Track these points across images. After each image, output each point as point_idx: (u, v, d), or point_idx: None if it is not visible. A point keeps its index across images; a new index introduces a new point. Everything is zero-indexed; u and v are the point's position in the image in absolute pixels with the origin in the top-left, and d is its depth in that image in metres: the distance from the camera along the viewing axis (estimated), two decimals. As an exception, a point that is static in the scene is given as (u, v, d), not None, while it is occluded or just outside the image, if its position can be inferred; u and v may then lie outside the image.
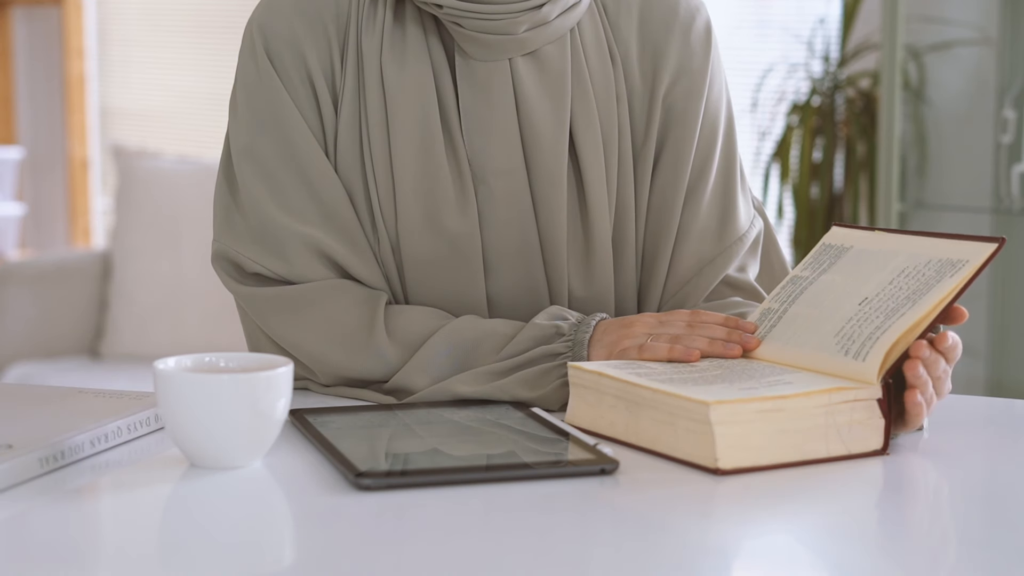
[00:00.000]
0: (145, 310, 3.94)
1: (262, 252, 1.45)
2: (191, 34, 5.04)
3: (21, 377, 3.80)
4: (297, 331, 1.44)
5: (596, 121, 1.48)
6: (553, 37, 1.47)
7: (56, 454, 1.18)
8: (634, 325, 1.38)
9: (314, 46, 1.46)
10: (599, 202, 1.48)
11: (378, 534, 1.06)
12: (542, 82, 1.47)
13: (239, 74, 1.49)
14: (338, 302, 1.43)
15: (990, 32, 3.38)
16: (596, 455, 1.19)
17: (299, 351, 1.44)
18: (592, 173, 1.47)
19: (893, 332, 1.24)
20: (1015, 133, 3.33)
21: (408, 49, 1.46)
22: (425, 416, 1.33)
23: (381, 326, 1.42)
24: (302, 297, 1.44)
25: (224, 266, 1.47)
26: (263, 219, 1.45)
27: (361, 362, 1.41)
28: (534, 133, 1.46)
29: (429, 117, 1.44)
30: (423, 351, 1.40)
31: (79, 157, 5.25)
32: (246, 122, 1.47)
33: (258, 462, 1.20)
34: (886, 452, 1.23)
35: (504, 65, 1.46)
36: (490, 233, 1.46)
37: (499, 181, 1.46)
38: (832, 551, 1.06)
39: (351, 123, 1.46)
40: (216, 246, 1.48)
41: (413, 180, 1.44)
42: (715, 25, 1.56)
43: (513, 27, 1.44)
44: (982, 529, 1.10)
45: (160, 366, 1.18)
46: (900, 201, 3.38)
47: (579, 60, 1.49)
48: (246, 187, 1.46)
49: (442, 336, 1.41)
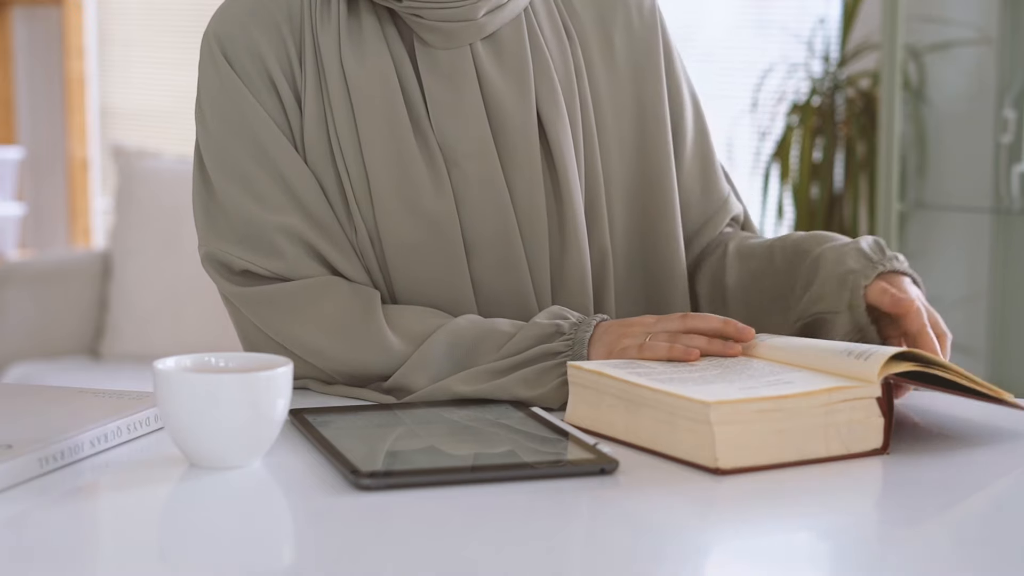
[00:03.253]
0: (145, 310, 3.94)
1: (250, 250, 1.46)
2: (191, 34, 5.04)
3: (21, 377, 3.80)
4: (296, 326, 1.44)
5: (560, 97, 1.51)
6: (508, 18, 1.50)
7: (56, 454, 1.18)
8: (634, 325, 1.39)
9: (271, 47, 1.48)
10: (571, 178, 1.50)
11: (378, 534, 1.06)
12: (503, 64, 1.50)
13: (201, 85, 1.50)
14: (336, 296, 1.44)
15: (990, 32, 3.38)
16: (596, 455, 1.19)
17: (300, 346, 1.44)
18: (561, 148, 1.50)
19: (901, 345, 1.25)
20: (1015, 133, 3.32)
21: (366, 41, 1.48)
22: (425, 416, 1.33)
23: (381, 319, 1.42)
24: (299, 293, 1.44)
25: (215, 267, 1.48)
26: (246, 218, 1.46)
27: (364, 354, 1.42)
28: (502, 115, 1.49)
29: (395, 106, 1.46)
30: (423, 349, 1.40)
31: (79, 157, 5.25)
32: (215, 129, 1.48)
33: (258, 462, 1.20)
34: (886, 451, 1.23)
35: (465, 51, 1.49)
36: (468, 215, 1.48)
37: (471, 164, 1.48)
38: (832, 551, 1.06)
39: (316, 119, 1.47)
40: (203, 250, 1.49)
41: (385, 168, 1.46)
42: (715, 25, 1.59)
43: (473, 12, 1.47)
44: (982, 529, 1.10)
45: (160, 366, 1.18)
46: (900, 201, 3.38)
47: (536, 38, 1.52)
48: (225, 190, 1.47)
49: (442, 335, 1.41)
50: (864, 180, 3.61)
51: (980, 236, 3.47)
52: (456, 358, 1.40)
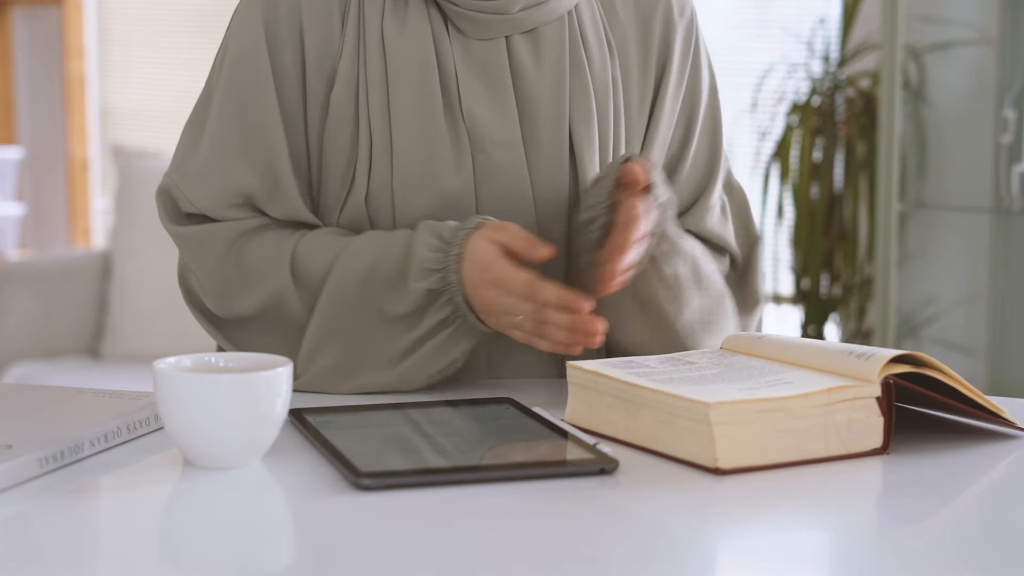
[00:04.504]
0: (145, 310, 3.94)
1: (204, 196, 1.50)
2: (191, 34, 5.04)
3: (21, 377, 3.80)
4: (201, 265, 1.51)
5: (592, 105, 1.51)
6: (549, 18, 1.50)
7: (56, 454, 1.18)
8: (490, 290, 1.40)
9: (312, 4, 1.49)
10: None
11: (378, 534, 1.06)
12: (540, 61, 1.50)
13: (234, 17, 1.53)
14: (250, 243, 1.49)
15: (990, 32, 3.38)
16: (596, 455, 1.19)
17: (202, 280, 1.52)
18: (584, 157, 1.50)
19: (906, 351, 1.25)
20: (1015, 133, 3.33)
21: (409, 14, 1.49)
22: (425, 416, 1.33)
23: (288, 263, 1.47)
24: (213, 235, 1.50)
25: (164, 200, 1.54)
26: (213, 164, 1.50)
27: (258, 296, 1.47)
28: (532, 110, 1.49)
29: (429, 78, 1.47)
30: (306, 348, 1.46)
31: (79, 157, 5.25)
32: (218, 65, 1.53)
33: (258, 462, 1.20)
34: (886, 451, 1.23)
35: (500, 43, 1.49)
36: (486, 200, 1.49)
37: (498, 152, 1.48)
38: (832, 551, 1.06)
39: (348, 81, 1.49)
40: (165, 179, 1.54)
41: (411, 137, 1.47)
42: (715, 25, 1.59)
43: (507, 7, 1.48)
44: (982, 529, 1.10)
45: (160, 366, 1.18)
46: (900, 201, 3.38)
47: (576, 42, 1.52)
48: (212, 132, 1.51)
49: (320, 336, 1.45)
50: (864, 180, 3.61)
51: (980, 236, 3.47)
52: (345, 356, 1.45)
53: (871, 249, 3.59)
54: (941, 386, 1.27)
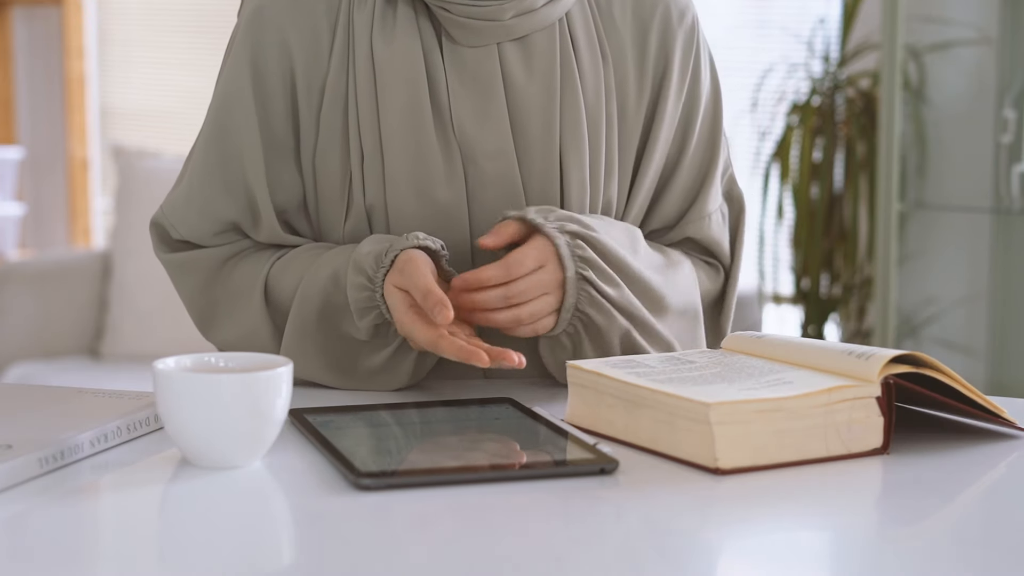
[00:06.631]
0: (145, 310, 3.94)
1: (189, 227, 1.53)
2: (191, 34, 5.04)
3: (21, 377, 3.80)
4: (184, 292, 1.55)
5: (582, 110, 1.50)
6: (541, 25, 1.50)
7: (56, 454, 1.18)
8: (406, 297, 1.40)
9: (298, 25, 1.50)
10: (578, 196, 1.50)
11: (378, 534, 1.06)
12: (530, 68, 1.50)
13: (230, 44, 1.54)
14: (235, 270, 1.52)
15: (990, 32, 3.38)
16: (596, 455, 1.19)
17: (187, 307, 1.56)
18: (571, 166, 1.50)
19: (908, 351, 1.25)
20: (1015, 133, 3.33)
21: (398, 26, 1.49)
22: (425, 416, 1.33)
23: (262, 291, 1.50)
24: (195, 262, 1.54)
25: (156, 230, 1.57)
26: (202, 201, 1.53)
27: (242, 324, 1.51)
28: (523, 118, 1.49)
29: (418, 93, 1.47)
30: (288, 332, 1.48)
31: (79, 157, 5.25)
32: (217, 95, 1.54)
33: (258, 462, 1.20)
34: (886, 451, 1.23)
35: (492, 51, 1.49)
36: (478, 210, 1.49)
37: (489, 163, 1.48)
38: (832, 551, 1.06)
39: (336, 96, 1.49)
40: (160, 210, 1.57)
41: (402, 150, 1.47)
42: (715, 25, 1.58)
43: (499, 13, 1.47)
44: (982, 529, 1.10)
45: (160, 366, 1.18)
46: (900, 201, 3.38)
47: (567, 50, 1.51)
48: (199, 159, 1.54)
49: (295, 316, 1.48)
50: (864, 180, 3.61)
51: (980, 236, 3.47)
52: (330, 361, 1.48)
53: (871, 249, 3.60)
54: (941, 386, 1.27)
